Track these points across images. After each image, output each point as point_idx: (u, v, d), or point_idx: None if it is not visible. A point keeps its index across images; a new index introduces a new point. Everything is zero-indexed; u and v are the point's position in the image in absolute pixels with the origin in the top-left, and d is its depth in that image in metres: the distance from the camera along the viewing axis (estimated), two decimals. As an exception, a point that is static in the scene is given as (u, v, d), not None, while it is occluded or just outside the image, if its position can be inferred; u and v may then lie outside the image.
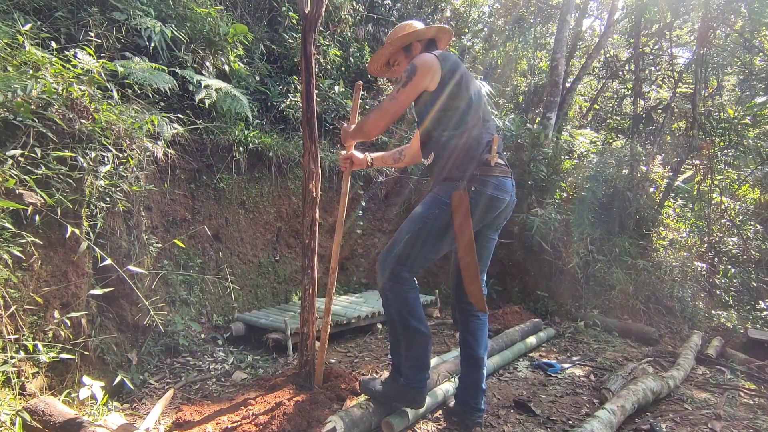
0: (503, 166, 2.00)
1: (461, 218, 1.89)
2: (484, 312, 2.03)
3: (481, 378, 2.12)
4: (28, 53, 2.28)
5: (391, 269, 1.95)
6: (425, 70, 1.95)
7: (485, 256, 2.15)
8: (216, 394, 2.53)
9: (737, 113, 5.60)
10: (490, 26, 8.47)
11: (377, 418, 2.02)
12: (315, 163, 2.32)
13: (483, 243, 2.12)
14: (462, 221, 1.90)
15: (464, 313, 2.15)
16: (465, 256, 1.93)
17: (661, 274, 4.86)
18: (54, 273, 2.25)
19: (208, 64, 3.83)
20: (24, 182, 2.02)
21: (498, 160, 1.96)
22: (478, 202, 1.92)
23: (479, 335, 2.13)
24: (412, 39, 2.16)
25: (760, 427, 2.32)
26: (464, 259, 1.93)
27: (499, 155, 1.97)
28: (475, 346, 2.11)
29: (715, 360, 3.46)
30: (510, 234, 4.84)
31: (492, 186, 1.94)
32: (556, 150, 5.29)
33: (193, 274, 3.38)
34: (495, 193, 1.95)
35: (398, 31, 2.18)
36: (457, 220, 1.90)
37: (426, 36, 2.18)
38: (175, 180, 3.43)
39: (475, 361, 2.12)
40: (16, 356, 1.95)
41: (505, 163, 2.03)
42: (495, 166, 1.94)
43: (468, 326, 2.14)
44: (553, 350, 3.56)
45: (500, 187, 1.96)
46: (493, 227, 2.13)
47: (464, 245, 1.92)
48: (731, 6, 5.22)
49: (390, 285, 1.95)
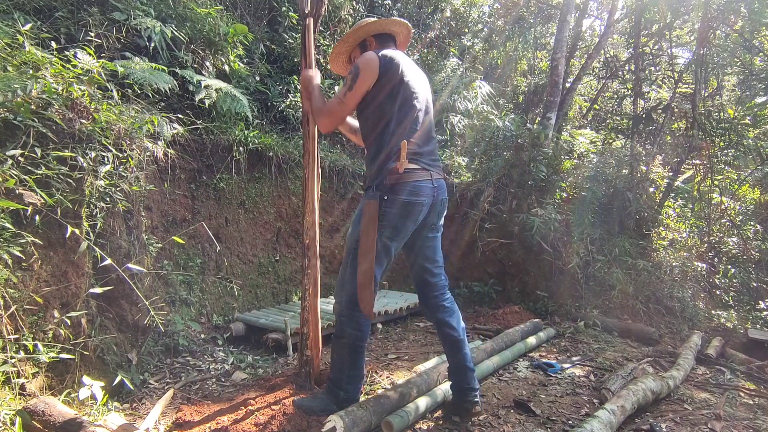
0: (418, 170, 2.00)
1: (366, 223, 1.95)
2: (371, 318, 2.08)
3: (465, 358, 2.17)
4: (28, 53, 2.28)
5: (349, 294, 2.02)
6: (366, 70, 1.97)
7: (432, 255, 2.19)
8: (216, 394, 2.53)
9: (737, 113, 5.60)
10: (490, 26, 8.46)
11: (377, 418, 2.02)
12: (315, 163, 2.32)
13: (426, 244, 2.17)
14: (367, 227, 1.95)
15: (433, 308, 2.20)
16: (362, 261, 1.97)
17: (661, 274, 4.86)
18: (54, 273, 2.25)
19: (208, 64, 3.83)
20: (24, 182, 2.02)
21: (409, 166, 1.97)
22: (391, 210, 1.96)
23: (454, 320, 2.19)
24: (364, 34, 2.17)
25: (760, 427, 2.32)
26: (361, 265, 1.97)
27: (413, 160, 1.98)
28: (452, 331, 2.17)
29: (715, 360, 3.46)
30: (510, 234, 4.84)
31: (404, 192, 1.96)
32: (556, 150, 5.28)
33: (193, 274, 3.38)
34: (410, 199, 1.97)
35: (355, 28, 2.18)
36: (363, 224, 1.96)
37: (379, 30, 2.17)
38: (175, 180, 3.43)
39: (456, 343, 2.17)
40: (16, 356, 1.95)
41: (421, 166, 2.01)
42: (405, 173, 1.96)
43: (440, 318, 2.19)
44: (553, 350, 3.56)
45: (414, 192, 1.98)
46: (428, 227, 2.15)
47: (364, 251, 1.96)
48: (731, 6, 5.22)
49: (347, 312, 2.04)
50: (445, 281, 2.24)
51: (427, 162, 2.04)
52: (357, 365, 2.11)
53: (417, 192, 1.98)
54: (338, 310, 2.09)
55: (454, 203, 5.25)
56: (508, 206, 5.00)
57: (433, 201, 2.05)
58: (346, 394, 2.09)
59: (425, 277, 2.19)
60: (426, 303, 2.23)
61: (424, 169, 2.02)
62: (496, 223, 4.97)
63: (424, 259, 2.17)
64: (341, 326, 2.08)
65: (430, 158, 2.07)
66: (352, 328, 2.04)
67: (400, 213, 1.97)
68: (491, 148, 5.40)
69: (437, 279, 2.20)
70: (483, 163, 5.43)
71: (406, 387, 2.26)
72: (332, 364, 2.15)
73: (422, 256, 2.17)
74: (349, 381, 2.10)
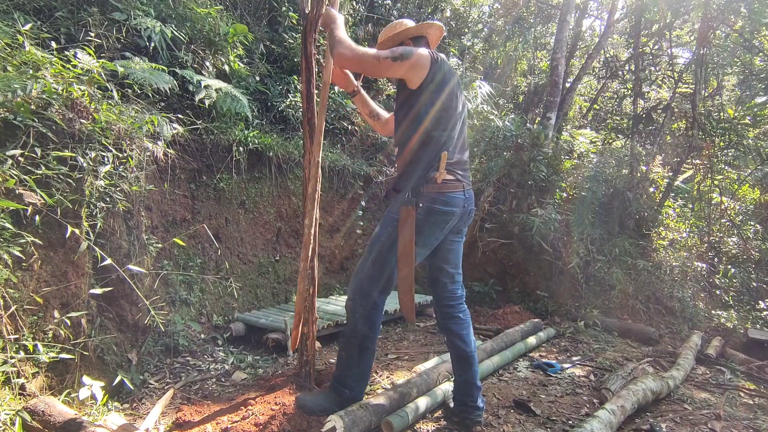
0: (453, 181, 2.03)
1: (405, 231, 1.96)
2: (413, 322, 2.06)
3: (474, 375, 2.15)
4: (28, 53, 2.28)
5: (364, 293, 2.03)
6: (418, 64, 1.96)
7: (452, 258, 2.20)
8: (216, 394, 2.53)
9: (737, 113, 5.60)
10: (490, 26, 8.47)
11: (377, 418, 2.02)
12: (315, 164, 2.31)
13: (447, 247, 2.18)
14: (406, 234, 1.96)
15: (446, 317, 2.19)
16: (402, 267, 1.98)
17: (661, 274, 4.86)
18: (54, 273, 2.25)
19: (208, 64, 3.83)
20: (24, 182, 2.02)
21: (446, 177, 2.00)
22: (424, 218, 1.98)
23: (465, 334, 2.16)
24: (403, 38, 2.18)
25: (760, 427, 2.32)
26: (402, 270, 1.99)
27: (450, 171, 2.01)
28: (464, 346, 2.15)
29: (715, 360, 3.46)
30: (510, 234, 4.84)
31: (440, 202, 1.99)
32: (556, 150, 5.29)
33: (193, 274, 3.38)
34: (442, 209, 2.00)
35: (389, 31, 2.20)
36: (401, 232, 1.97)
37: (416, 34, 2.20)
38: (175, 180, 3.43)
39: (467, 360, 2.14)
40: (16, 356, 1.95)
41: (456, 177, 2.04)
42: (442, 183, 1.99)
43: (452, 329, 2.17)
44: (553, 350, 3.56)
45: (448, 203, 2.01)
46: (454, 232, 2.17)
47: (403, 257, 1.97)
48: (731, 6, 5.22)
49: (361, 310, 2.04)
50: (463, 292, 2.22)
51: (461, 173, 2.07)
52: (364, 364, 2.10)
53: (450, 203, 2.01)
54: (351, 306, 2.07)
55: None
56: (508, 206, 5.00)
57: (460, 212, 2.07)
58: (351, 392, 2.08)
59: (442, 279, 2.18)
60: (440, 309, 2.21)
61: (458, 180, 2.04)
62: (496, 223, 4.97)
63: (443, 260, 2.17)
64: (354, 324, 2.06)
65: (463, 168, 2.09)
66: (365, 326, 2.04)
67: (432, 222, 2.00)
68: (491, 148, 5.40)
69: (455, 286, 2.19)
70: (483, 163, 5.44)
71: (406, 387, 2.26)
72: (338, 362, 2.14)
73: (441, 258, 2.17)
74: (356, 379, 2.09)
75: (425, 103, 2.00)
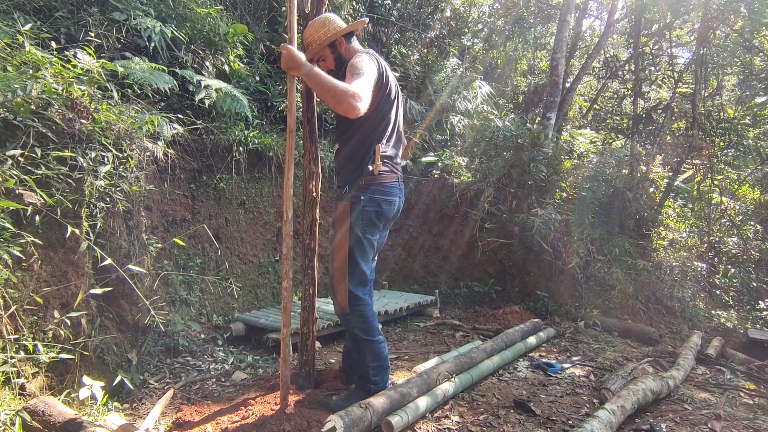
0: (388, 172, 2.17)
1: (340, 225, 2.15)
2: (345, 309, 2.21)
3: None
4: (28, 53, 2.28)
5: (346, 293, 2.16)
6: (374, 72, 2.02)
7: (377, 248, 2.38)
8: (216, 394, 2.53)
9: (737, 113, 5.60)
10: (490, 26, 8.46)
11: (377, 418, 2.02)
12: (315, 163, 2.32)
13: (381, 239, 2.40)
14: (340, 227, 2.15)
15: None
16: (336, 258, 2.16)
17: (661, 274, 4.86)
18: (54, 273, 2.24)
19: (208, 64, 3.83)
20: (24, 182, 2.02)
21: (382, 168, 2.14)
22: (368, 208, 2.13)
23: None
24: (336, 37, 2.22)
25: (760, 427, 2.32)
26: (336, 261, 2.16)
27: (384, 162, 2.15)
28: None
29: (715, 360, 3.46)
30: (510, 234, 4.84)
31: (380, 192, 2.15)
32: (556, 150, 5.28)
33: (193, 274, 3.38)
34: (383, 198, 2.16)
35: (318, 28, 2.19)
36: (337, 226, 2.16)
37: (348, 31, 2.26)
38: (175, 180, 3.43)
39: None
40: (16, 356, 1.95)
41: (390, 168, 2.18)
42: (379, 174, 2.13)
43: None
44: (553, 350, 3.56)
45: (388, 192, 2.17)
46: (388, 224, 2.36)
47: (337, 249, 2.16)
48: (731, 6, 5.22)
49: (350, 313, 2.18)
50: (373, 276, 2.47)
51: (394, 165, 2.22)
52: (377, 356, 2.22)
53: (390, 192, 2.18)
54: (341, 313, 2.21)
55: (454, 203, 5.26)
56: (508, 206, 5.00)
57: (400, 201, 2.26)
58: (376, 386, 2.21)
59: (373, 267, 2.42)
60: None
61: (392, 172, 2.20)
62: (496, 223, 4.97)
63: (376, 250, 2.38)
64: (348, 324, 2.22)
65: (395, 162, 2.24)
66: (358, 322, 2.17)
67: (375, 210, 2.14)
68: (491, 148, 5.40)
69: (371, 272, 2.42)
70: (483, 163, 5.44)
71: (406, 387, 2.26)
72: (356, 363, 2.30)
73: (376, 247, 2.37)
74: (375, 373, 2.22)
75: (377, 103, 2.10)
